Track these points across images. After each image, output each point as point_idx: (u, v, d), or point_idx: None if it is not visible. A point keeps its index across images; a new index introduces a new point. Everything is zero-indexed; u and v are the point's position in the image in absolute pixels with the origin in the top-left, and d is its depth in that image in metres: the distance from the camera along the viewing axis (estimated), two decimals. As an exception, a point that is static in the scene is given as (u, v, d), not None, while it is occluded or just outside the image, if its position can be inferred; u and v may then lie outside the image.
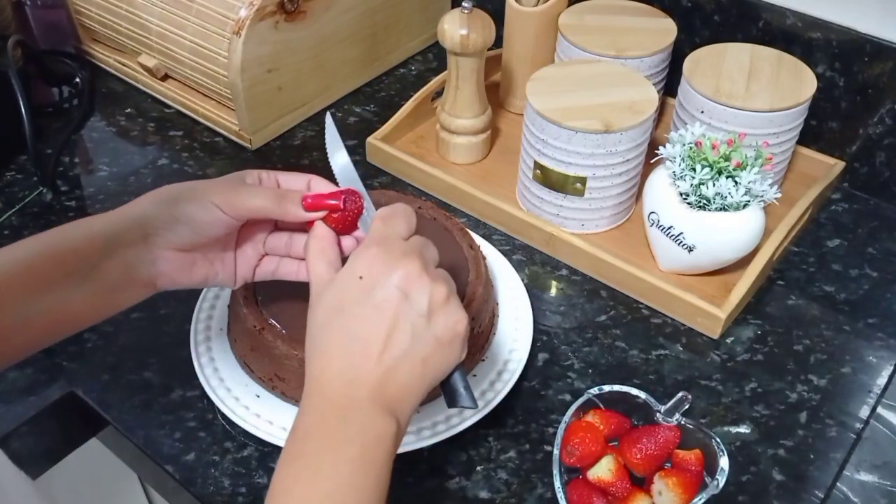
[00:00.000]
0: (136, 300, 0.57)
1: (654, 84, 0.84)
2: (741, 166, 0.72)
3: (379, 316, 0.49)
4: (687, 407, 0.65)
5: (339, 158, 0.61)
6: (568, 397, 0.71)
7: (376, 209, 0.56)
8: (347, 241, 0.57)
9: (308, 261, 0.54)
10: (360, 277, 0.50)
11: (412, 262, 0.51)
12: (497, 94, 1.02)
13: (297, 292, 0.71)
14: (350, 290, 0.50)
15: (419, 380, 0.50)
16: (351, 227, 0.57)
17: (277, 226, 0.61)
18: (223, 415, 0.68)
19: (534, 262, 0.84)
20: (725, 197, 0.72)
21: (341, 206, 0.56)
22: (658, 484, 0.61)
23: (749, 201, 0.73)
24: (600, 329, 0.77)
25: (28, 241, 0.53)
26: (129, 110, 1.03)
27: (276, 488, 0.46)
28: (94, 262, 0.53)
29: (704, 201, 0.74)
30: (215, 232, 0.56)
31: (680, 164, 0.74)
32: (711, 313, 0.75)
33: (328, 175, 0.61)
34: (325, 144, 0.63)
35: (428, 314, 0.50)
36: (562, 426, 0.63)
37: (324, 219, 0.56)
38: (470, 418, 0.66)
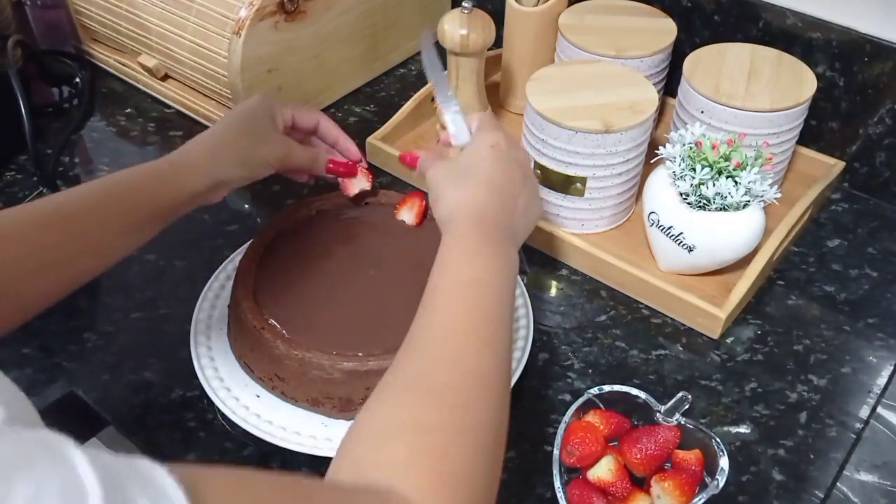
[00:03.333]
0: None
1: (654, 84, 0.84)
2: (741, 166, 0.72)
3: (510, 176, 0.62)
4: (687, 407, 0.65)
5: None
6: (568, 397, 0.71)
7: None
8: (447, 150, 0.70)
9: (423, 170, 0.66)
10: (492, 147, 0.63)
11: (525, 152, 0.68)
12: (497, 94, 1.02)
13: (298, 292, 0.71)
14: (484, 153, 0.63)
15: (524, 230, 0.64)
16: (349, 174, 0.79)
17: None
18: (223, 415, 0.68)
19: (534, 262, 0.84)
20: (725, 197, 0.72)
21: (342, 168, 0.78)
22: (655, 488, 0.61)
23: (749, 201, 0.73)
24: (600, 329, 0.77)
25: (116, 186, 0.63)
26: (129, 110, 1.03)
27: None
28: (178, 210, 0.66)
29: (704, 201, 0.74)
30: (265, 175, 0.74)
31: (680, 164, 0.74)
32: (711, 313, 0.75)
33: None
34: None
35: (532, 198, 0.65)
36: (562, 426, 0.63)
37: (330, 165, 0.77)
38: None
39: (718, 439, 0.62)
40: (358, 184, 0.79)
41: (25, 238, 0.56)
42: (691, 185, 0.73)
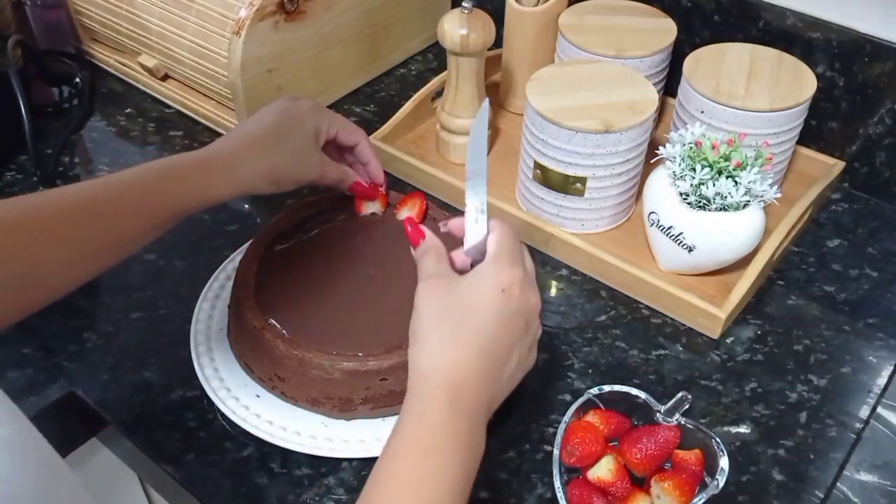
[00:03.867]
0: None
1: (654, 84, 0.84)
2: (741, 166, 0.72)
3: (509, 333, 0.54)
4: (687, 407, 0.65)
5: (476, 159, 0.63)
6: (568, 397, 0.71)
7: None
8: (458, 258, 0.59)
9: (418, 257, 0.59)
10: (503, 291, 0.54)
11: (537, 295, 0.57)
12: (497, 94, 1.02)
13: (298, 292, 0.71)
14: (490, 297, 0.54)
15: (504, 394, 0.56)
16: (364, 196, 0.78)
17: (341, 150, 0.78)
18: (223, 415, 0.68)
19: (534, 262, 0.84)
20: (725, 197, 0.72)
21: (364, 192, 0.78)
22: (655, 488, 0.61)
23: (749, 201, 0.73)
24: (600, 329, 0.77)
25: (148, 184, 0.63)
26: (129, 110, 1.03)
27: (391, 470, 0.49)
28: (196, 212, 0.65)
29: (704, 201, 0.74)
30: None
31: (680, 164, 0.74)
32: (711, 313, 0.75)
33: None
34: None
35: (531, 347, 0.58)
36: (562, 426, 0.63)
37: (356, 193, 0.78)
38: (470, 418, 0.66)
39: (718, 439, 0.62)
40: (372, 206, 0.78)
41: (55, 231, 0.57)
42: (691, 185, 0.73)
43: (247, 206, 0.90)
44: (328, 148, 0.75)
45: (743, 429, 0.69)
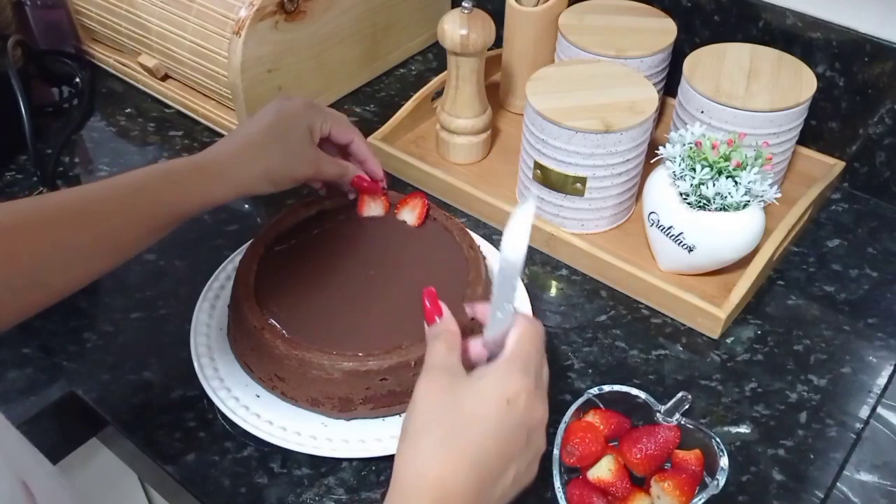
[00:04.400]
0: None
1: (654, 84, 0.84)
2: (741, 166, 0.72)
3: (508, 447, 0.49)
4: (687, 407, 0.65)
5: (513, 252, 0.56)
6: (568, 397, 0.71)
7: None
8: (474, 349, 0.55)
9: (429, 340, 0.54)
10: (508, 401, 0.49)
11: (545, 408, 0.52)
12: (497, 94, 1.02)
13: (297, 292, 0.71)
14: (493, 405, 0.49)
15: (515, 493, 0.52)
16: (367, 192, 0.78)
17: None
18: (223, 415, 0.68)
19: (534, 262, 0.84)
20: (725, 197, 0.72)
21: (365, 185, 0.77)
22: (655, 488, 0.61)
23: (749, 201, 0.73)
24: (600, 329, 0.77)
25: (149, 189, 0.63)
26: (129, 110, 1.03)
27: None
28: (196, 215, 0.65)
29: (704, 201, 0.74)
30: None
31: (680, 164, 0.74)
32: (711, 313, 0.75)
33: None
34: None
35: (531, 463, 0.52)
36: (562, 426, 0.63)
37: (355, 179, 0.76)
38: (470, 418, 0.66)
39: (718, 439, 0.62)
40: (374, 209, 0.78)
41: (56, 234, 0.57)
42: (691, 185, 0.73)
43: (247, 206, 0.90)
44: (326, 147, 0.75)
45: (743, 429, 0.69)
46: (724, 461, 0.61)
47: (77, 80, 1.03)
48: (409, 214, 0.77)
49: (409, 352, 0.65)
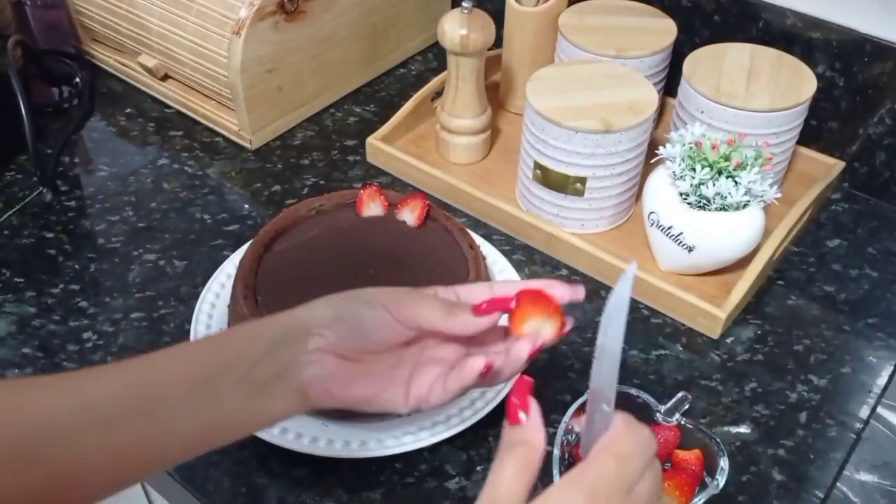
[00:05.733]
0: (284, 411, 0.51)
1: (654, 84, 0.84)
2: (741, 166, 0.72)
3: None
4: (687, 407, 0.65)
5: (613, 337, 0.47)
6: (568, 397, 0.71)
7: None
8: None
9: (501, 461, 0.43)
10: (587, 495, 0.41)
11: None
12: (497, 94, 1.02)
13: (298, 292, 0.71)
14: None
15: None
16: (533, 311, 0.50)
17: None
18: (223, 415, 0.67)
19: (534, 262, 0.84)
20: (725, 197, 0.72)
21: (511, 305, 0.49)
22: (657, 485, 0.61)
23: (749, 201, 0.73)
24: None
25: (191, 344, 0.52)
26: (129, 110, 1.03)
27: None
28: (253, 359, 0.49)
29: (704, 201, 0.74)
30: (379, 336, 0.50)
31: (680, 164, 0.74)
32: (711, 313, 0.75)
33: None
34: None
35: None
36: (562, 426, 0.63)
37: (510, 315, 0.49)
38: (470, 418, 0.66)
39: (718, 439, 0.62)
40: (374, 209, 0.77)
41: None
42: (691, 185, 0.73)
43: (247, 206, 0.90)
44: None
45: (743, 429, 0.69)
46: (724, 461, 0.61)
47: (77, 80, 1.03)
48: (409, 215, 0.77)
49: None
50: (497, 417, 0.68)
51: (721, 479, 0.60)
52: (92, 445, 0.45)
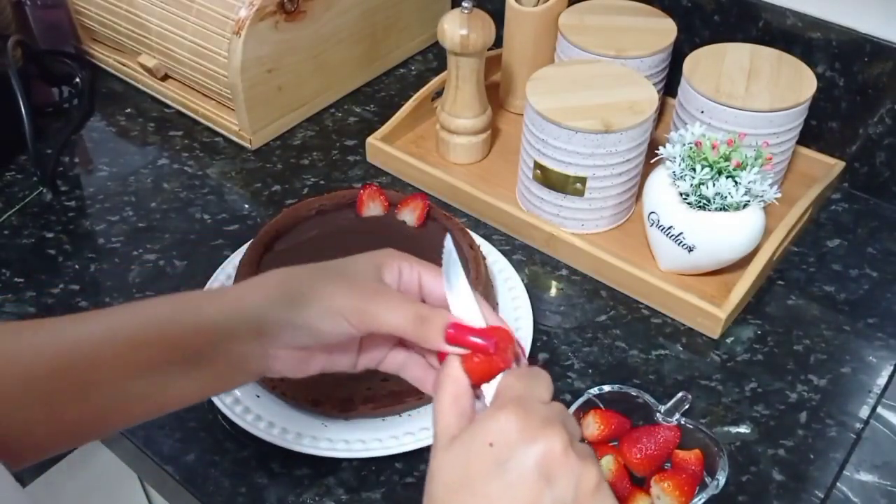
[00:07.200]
0: (246, 382, 0.53)
1: (654, 84, 0.84)
2: (741, 166, 0.72)
3: (512, 499, 0.40)
4: (687, 407, 0.65)
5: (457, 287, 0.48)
6: (568, 397, 0.71)
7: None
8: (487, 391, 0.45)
9: (436, 405, 0.44)
10: (491, 444, 0.41)
11: (556, 433, 0.41)
12: (497, 94, 1.02)
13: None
14: (478, 459, 0.41)
15: None
16: (489, 376, 0.45)
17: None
18: (223, 415, 0.68)
19: (534, 262, 0.84)
20: (725, 197, 0.72)
21: (491, 349, 0.45)
22: (655, 488, 0.61)
23: (749, 201, 0.73)
24: (600, 329, 0.77)
25: (127, 314, 0.49)
26: (129, 110, 1.03)
27: None
28: (203, 353, 0.47)
29: (704, 201, 0.74)
30: (337, 340, 0.48)
31: (680, 164, 0.74)
32: (711, 313, 0.75)
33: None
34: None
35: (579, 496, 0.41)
36: (562, 426, 0.63)
37: (462, 358, 0.45)
38: (470, 418, 0.66)
39: (718, 439, 0.62)
40: (374, 209, 0.77)
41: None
42: (691, 185, 0.73)
43: (247, 206, 0.90)
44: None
45: (743, 429, 0.69)
46: (724, 461, 0.61)
47: (77, 80, 1.03)
48: (410, 215, 0.77)
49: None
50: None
51: (721, 479, 0.60)
52: (36, 418, 0.45)
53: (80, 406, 0.46)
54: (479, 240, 0.79)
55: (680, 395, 0.66)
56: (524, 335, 0.73)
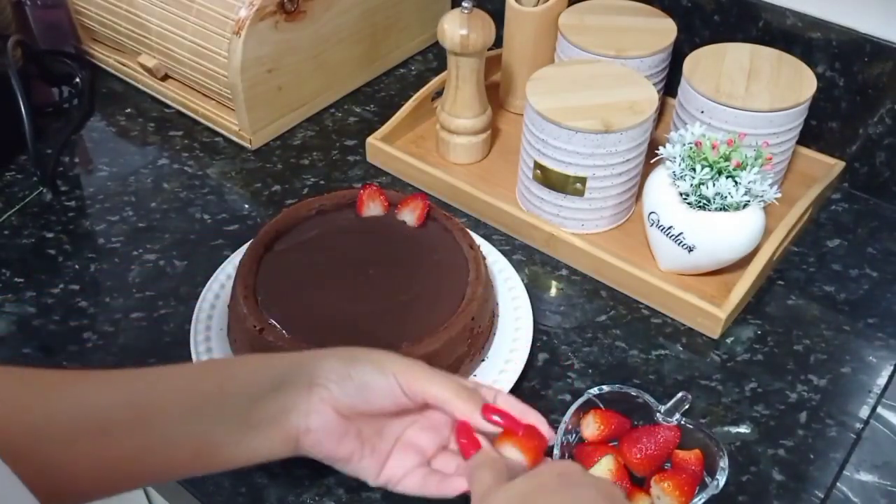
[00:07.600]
0: (272, 452, 0.51)
1: (654, 84, 0.84)
2: (741, 166, 0.72)
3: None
4: (687, 407, 0.65)
5: None
6: (568, 397, 0.71)
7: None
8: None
9: (472, 470, 0.48)
10: (559, 474, 0.46)
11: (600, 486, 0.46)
12: (497, 94, 1.02)
13: (297, 292, 0.71)
14: (547, 480, 0.45)
15: None
16: (533, 453, 0.51)
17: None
18: (223, 415, 0.67)
19: (534, 262, 0.84)
20: (725, 197, 0.72)
21: (520, 432, 0.51)
22: (655, 488, 0.61)
23: (749, 201, 0.73)
24: (600, 329, 0.77)
25: (196, 366, 0.53)
26: (129, 110, 1.03)
27: None
28: (255, 395, 0.50)
29: (704, 201, 0.74)
30: (383, 403, 0.51)
31: (680, 164, 0.74)
32: (711, 313, 0.75)
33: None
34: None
35: None
36: (562, 426, 0.63)
37: (493, 439, 0.51)
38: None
39: (718, 439, 0.62)
40: (374, 209, 0.77)
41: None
42: (691, 185, 0.73)
43: (247, 206, 0.90)
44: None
45: (743, 429, 0.69)
46: (724, 461, 0.61)
47: (77, 80, 1.03)
48: (410, 215, 0.77)
49: (410, 352, 0.65)
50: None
51: (721, 479, 0.60)
52: (84, 451, 0.46)
53: (129, 443, 0.48)
54: (479, 240, 0.79)
55: (680, 395, 0.66)
56: (524, 335, 0.73)
